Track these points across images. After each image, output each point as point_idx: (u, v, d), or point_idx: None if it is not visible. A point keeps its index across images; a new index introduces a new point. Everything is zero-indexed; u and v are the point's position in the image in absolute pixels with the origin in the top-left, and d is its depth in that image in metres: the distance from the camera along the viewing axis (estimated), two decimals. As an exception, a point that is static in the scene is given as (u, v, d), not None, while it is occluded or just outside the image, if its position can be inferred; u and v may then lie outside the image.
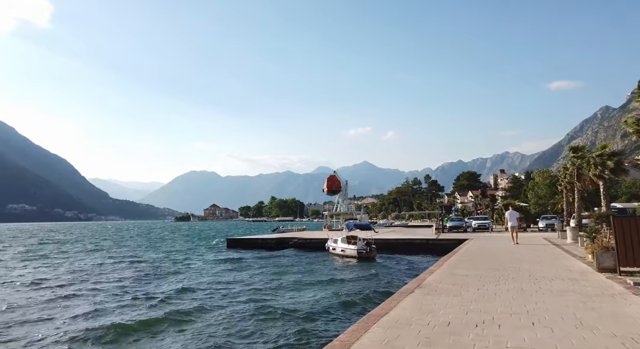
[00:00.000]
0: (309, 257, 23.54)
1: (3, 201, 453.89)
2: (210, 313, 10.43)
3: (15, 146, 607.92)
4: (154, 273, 18.69)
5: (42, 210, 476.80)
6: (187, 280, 16.38)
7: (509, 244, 19.70)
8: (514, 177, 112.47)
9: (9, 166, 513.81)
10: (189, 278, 17.10)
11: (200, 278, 16.77)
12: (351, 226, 23.66)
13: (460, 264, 11.45)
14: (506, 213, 21.05)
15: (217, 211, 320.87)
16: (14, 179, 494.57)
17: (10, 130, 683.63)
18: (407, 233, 34.74)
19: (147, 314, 10.52)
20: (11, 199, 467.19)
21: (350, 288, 13.41)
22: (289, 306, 10.84)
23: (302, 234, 32.05)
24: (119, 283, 15.77)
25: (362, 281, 14.40)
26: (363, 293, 12.18)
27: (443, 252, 23.23)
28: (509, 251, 15.90)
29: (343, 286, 13.71)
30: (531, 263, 11.62)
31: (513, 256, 13.53)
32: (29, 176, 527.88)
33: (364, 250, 21.94)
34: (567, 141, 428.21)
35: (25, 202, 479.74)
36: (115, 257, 26.35)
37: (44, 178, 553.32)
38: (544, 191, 62.33)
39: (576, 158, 34.90)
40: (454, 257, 13.48)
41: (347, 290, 12.90)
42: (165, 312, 10.47)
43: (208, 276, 17.42)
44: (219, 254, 27.00)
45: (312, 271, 17.73)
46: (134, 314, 10.50)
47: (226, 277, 16.81)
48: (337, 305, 10.75)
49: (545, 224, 36.64)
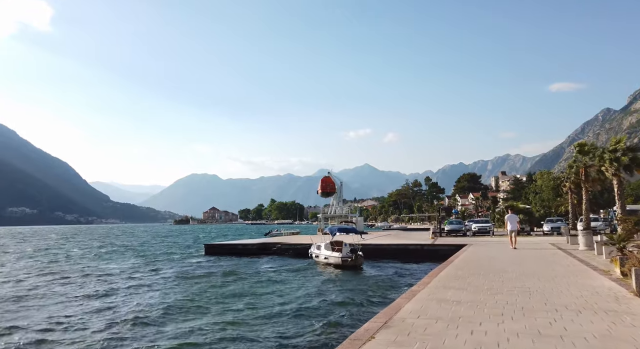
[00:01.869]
0: (287, 267, 21.02)
1: (3, 204, 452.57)
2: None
3: (16, 150, 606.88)
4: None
5: (42, 213, 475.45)
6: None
7: (512, 251, 17.22)
8: (516, 179, 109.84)
9: (10, 169, 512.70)
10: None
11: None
12: (335, 230, 21.12)
13: (452, 282, 8.95)
14: (505, 217, 20.17)
15: (216, 214, 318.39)
16: (14, 183, 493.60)
17: (11, 133, 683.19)
18: (401, 237, 32.26)
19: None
20: (12, 202, 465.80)
21: (303, 326, 9.43)
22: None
23: (287, 240, 29.57)
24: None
25: (332, 307, 11.26)
26: (315, 333, 8.77)
27: (438, 259, 20.82)
28: (513, 261, 13.39)
29: (296, 323, 9.76)
30: (543, 279, 9.12)
31: (519, 269, 11.03)
32: (30, 180, 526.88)
33: (349, 258, 19.47)
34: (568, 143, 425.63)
35: (26, 206, 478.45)
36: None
37: (44, 182, 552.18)
38: (547, 193, 59.95)
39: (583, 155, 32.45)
40: (446, 271, 10.99)
41: (297, 330, 9.13)
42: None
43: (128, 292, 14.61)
44: (188, 262, 24.47)
45: (275, 293, 13.66)
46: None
47: (146, 298, 13.42)
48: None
49: (550, 228, 34.06)
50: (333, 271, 18.52)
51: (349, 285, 14.54)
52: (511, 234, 18.68)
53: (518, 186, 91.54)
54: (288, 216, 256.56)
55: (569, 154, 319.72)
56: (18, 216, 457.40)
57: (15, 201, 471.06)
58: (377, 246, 25.00)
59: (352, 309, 10.76)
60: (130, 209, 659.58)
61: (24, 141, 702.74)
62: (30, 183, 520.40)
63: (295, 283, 15.25)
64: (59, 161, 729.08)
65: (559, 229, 32.79)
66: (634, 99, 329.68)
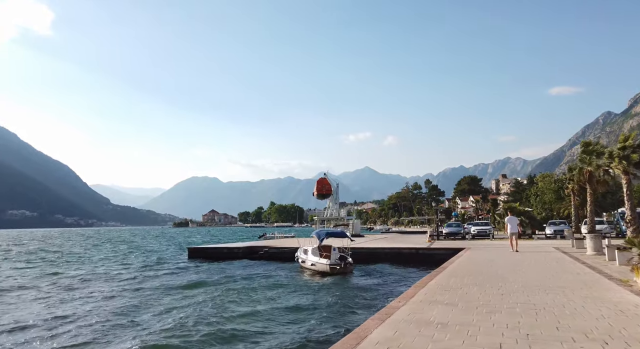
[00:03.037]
0: (271, 273, 19.47)
1: (3, 207, 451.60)
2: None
3: (16, 152, 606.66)
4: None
5: (42, 216, 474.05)
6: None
7: (512, 256, 15.71)
8: (517, 182, 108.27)
9: (10, 172, 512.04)
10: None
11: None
12: (322, 234, 19.52)
13: (441, 295, 7.44)
14: (505, 219, 19.60)
15: (215, 217, 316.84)
16: (14, 185, 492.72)
17: (12, 136, 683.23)
18: (397, 241, 30.72)
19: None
20: (12, 205, 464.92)
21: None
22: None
23: (274, 243, 28.02)
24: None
25: (297, 326, 9.17)
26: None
27: (433, 264, 19.31)
28: (515, 268, 11.87)
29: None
30: (551, 292, 7.61)
31: (522, 278, 9.51)
32: (30, 183, 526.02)
33: (337, 265, 17.92)
34: (568, 146, 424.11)
35: (26, 209, 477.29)
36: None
37: (44, 184, 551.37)
38: (548, 196, 58.43)
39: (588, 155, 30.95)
40: (437, 279, 9.48)
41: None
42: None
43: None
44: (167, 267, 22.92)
45: (245, 316, 10.40)
46: None
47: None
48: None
49: (553, 231, 32.51)
50: (315, 280, 16.87)
51: (325, 298, 12.47)
52: (512, 237, 18.06)
53: (519, 188, 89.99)
54: (288, 218, 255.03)
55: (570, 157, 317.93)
56: (18, 219, 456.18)
57: (16, 203, 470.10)
58: (370, 250, 23.50)
59: (312, 334, 8.81)
60: (131, 212, 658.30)
61: (25, 144, 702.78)
62: (31, 186, 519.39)
63: (264, 297, 12.99)
64: (59, 164, 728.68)
65: (562, 232, 31.27)
66: (634, 102, 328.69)
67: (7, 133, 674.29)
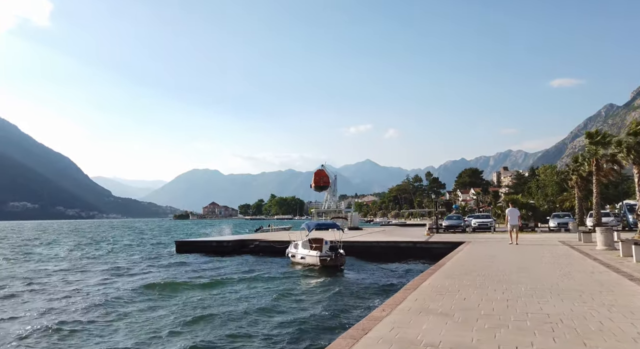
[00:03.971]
0: (259, 267, 18.33)
1: (4, 198, 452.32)
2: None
3: (17, 144, 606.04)
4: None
5: (43, 208, 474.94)
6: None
7: (516, 251, 14.52)
8: (518, 174, 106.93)
9: (11, 163, 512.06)
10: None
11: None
12: (312, 226, 18.37)
13: (434, 302, 6.25)
14: (506, 211, 19.16)
15: (216, 209, 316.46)
16: (15, 177, 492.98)
17: (12, 128, 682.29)
18: (395, 234, 29.57)
19: None
20: (13, 197, 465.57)
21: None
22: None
23: (266, 237, 26.87)
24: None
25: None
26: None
27: (431, 258, 18.23)
28: (520, 264, 10.67)
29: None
30: (568, 298, 6.39)
31: (529, 279, 8.31)
32: (31, 174, 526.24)
33: (327, 257, 16.80)
34: (570, 138, 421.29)
35: (27, 200, 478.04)
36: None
37: (46, 176, 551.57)
38: (550, 188, 57.24)
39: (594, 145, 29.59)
40: (431, 280, 8.30)
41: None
42: None
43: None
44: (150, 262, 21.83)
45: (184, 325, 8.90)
46: None
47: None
48: None
49: (557, 223, 31.21)
50: (302, 276, 15.64)
51: (303, 305, 10.69)
52: (512, 230, 17.70)
53: (520, 180, 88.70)
54: (288, 211, 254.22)
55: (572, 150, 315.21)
56: (19, 211, 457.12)
57: (17, 195, 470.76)
58: (365, 244, 22.34)
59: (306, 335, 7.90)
60: (132, 204, 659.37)
61: (26, 136, 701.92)
62: (32, 178, 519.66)
63: (240, 297, 11.63)
64: (60, 156, 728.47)
65: (566, 225, 30.02)
66: (637, 94, 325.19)
67: (7, 125, 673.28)
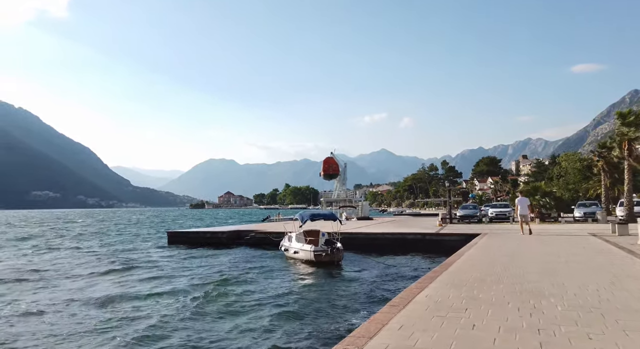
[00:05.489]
0: (240, 265, 16.59)
1: (28, 188, 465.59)
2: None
3: (39, 135, 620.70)
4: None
5: (65, 197, 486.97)
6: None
7: (539, 246, 12.40)
8: (538, 162, 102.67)
9: (34, 154, 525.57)
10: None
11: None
12: (306, 217, 16.49)
13: (429, 332, 4.34)
14: (516, 200, 18.23)
15: (231, 199, 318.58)
16: (38, 167, 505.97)
17: (34, 119, 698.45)
18: (405, 225, 27.56)
19: None
20: (35, 186, 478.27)
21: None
22: None
23: (263, 227, 25.17)
24: None
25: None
26: None
27: (441, 252, 16.29)
28: (548, 267, 8.60)
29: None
30: (635, 330, 4.41)
31: (563, 287, 6.29)
32: (53, 164, 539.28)
33: (322, 252, 14.96)
34: (593, 126, 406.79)
35: (49, 190, 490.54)
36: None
37: (67, 166, 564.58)
38: (572, 176, 54.19)
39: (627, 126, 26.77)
40: (430, 289, 6.36)
41: None
42: None
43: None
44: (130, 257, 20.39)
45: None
46: None
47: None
48: None
49: (583, 213, 28.55)
50: (290, 278, 13.71)
51: (275, 321, 8.12)
52: (522, 220, 17.02)
53: (540, 169, 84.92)
54: (302, 200, 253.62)
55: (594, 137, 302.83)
56: (42, 200, 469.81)
57: (39, 184, 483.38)
58: (369, 236, 20.45)
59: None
60: (150, 193, 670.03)
61: (47, 127, 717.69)
62: (54, 168, 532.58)
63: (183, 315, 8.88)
64: (81, 146, 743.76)
65: (593, 215, 27.42)
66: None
67: (30, 116, 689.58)
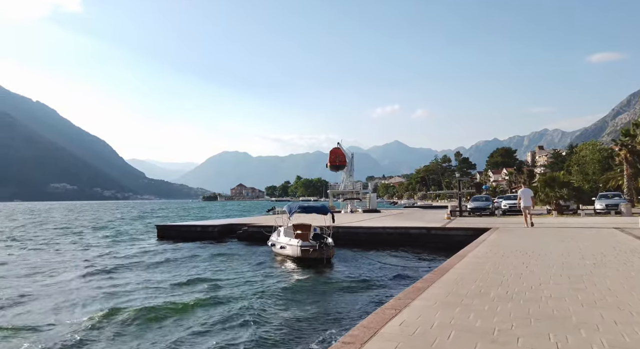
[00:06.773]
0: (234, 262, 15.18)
1: (46, 180, 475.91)
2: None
3: (57, 129, 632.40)
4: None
5: (82, 189, 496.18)
6: None
7: (558, 243, 10.61)
8: (555, 153, 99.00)
9: (52, 147, 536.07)
10: None
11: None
12: (294, 208, 14.91)
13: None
14: (519, 191, 17.74)
15: (243, 191, 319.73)
16: (56, 160, 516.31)
17: (52, 113, 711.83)
18: (411, 218, 25.86)
19: None
20: (53, 178, 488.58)
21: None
22: None
23: (258, 221, 23.73)
24: None
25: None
26: None
27: (446, 248, 14.57)
28: (572, 271, 6.88)
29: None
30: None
31: (597, 308, 4.60)
32: (70, 157, 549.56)
33: (311, 247, 13.42)
34: (612, 116, 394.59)
35: (67, 182, 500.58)
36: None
37: (83, 159, 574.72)
38: (591, 166, 51.59)
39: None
40: (412, 309, 4.78)
41: None
42: None
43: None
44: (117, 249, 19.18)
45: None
46: None
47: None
48: None
49: (605, 205, 26.45)
50: (273, 275, 12.21)
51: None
52: (525, 211, 16.61)
53: (558, 159, 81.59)
54: (314, 193, 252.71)
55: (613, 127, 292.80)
56: (60, 192, 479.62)
57: (57, 177, 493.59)
58: (370, 230, 18.84)
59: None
60: (165, 185, 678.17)
61: (65, 120, 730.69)
62: (71, 161, 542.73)
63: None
64: (97, 139, 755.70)
65: (616, 207, 25.32)
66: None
67: (48, 110, 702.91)
